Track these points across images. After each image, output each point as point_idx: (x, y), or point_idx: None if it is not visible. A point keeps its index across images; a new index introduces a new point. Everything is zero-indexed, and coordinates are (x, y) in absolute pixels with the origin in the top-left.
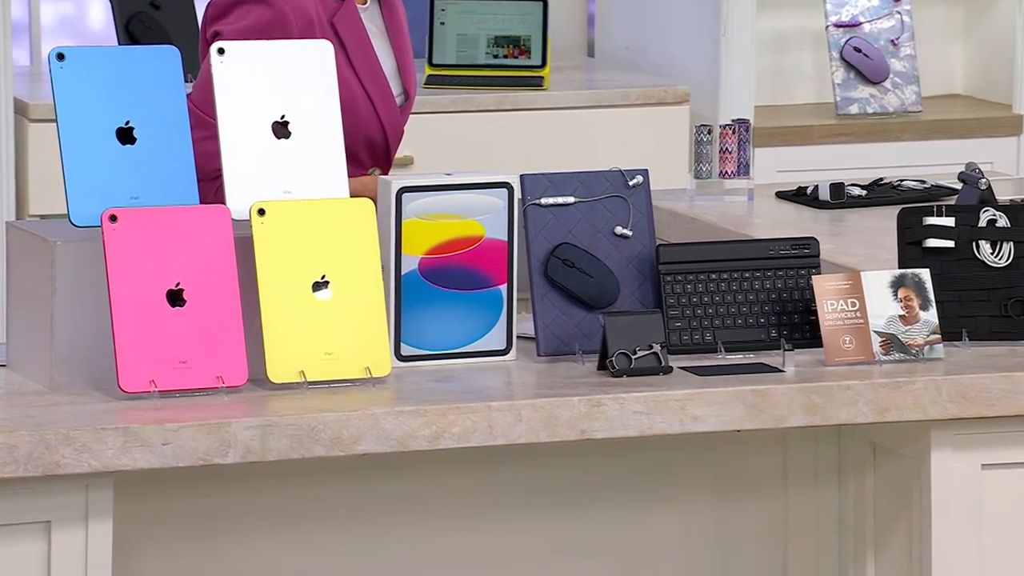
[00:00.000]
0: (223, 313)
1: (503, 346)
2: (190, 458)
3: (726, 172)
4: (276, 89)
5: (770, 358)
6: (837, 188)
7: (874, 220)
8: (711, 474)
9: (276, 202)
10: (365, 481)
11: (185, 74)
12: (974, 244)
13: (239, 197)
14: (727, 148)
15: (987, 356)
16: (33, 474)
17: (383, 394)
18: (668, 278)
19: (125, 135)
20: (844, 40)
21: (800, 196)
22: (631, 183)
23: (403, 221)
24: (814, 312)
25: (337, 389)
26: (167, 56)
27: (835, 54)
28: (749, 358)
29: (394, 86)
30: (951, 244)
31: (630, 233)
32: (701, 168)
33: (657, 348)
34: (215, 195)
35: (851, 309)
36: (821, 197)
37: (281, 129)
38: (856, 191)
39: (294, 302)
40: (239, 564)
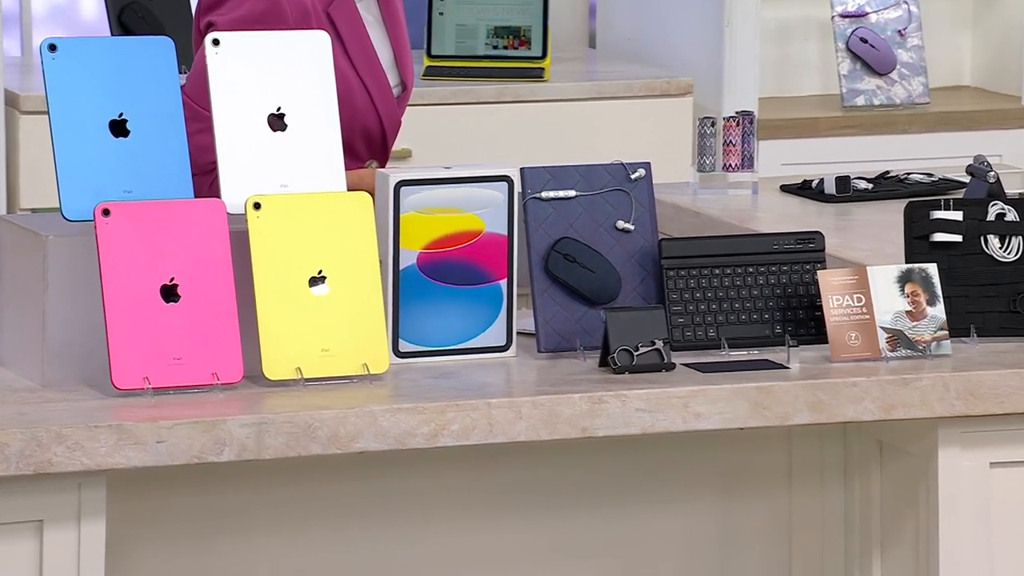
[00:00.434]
0: (218, 309)
1: (503, 342)
2: (184, 456)
3: (730, 165)
4: (272, 81)
5: (774, 355)
6: (843, 181)
7: (880, 214)
8: (715, 472)
9: (272, 196)
10: (362, 480)
11: (179, 65)
12: (982, 238)
13: (234, 191)
14: (731, 141)
15: (995, 352)
16: (25, 472)
17: (381, 391)
18: (671, 273)
19: (118, 128)
20: (850, 30)
21: (805, 189)
22: (633, 176)
23: (401, 215)
24: (819, 308)
25: (334, 386)
26: (161, 47)
27: (841, 45)
28: (753, 354)
29: (391, 77)
30: (959, 238)
31: (632, 227)
32: (704, 161)
33: (659, 344)
34: (210, 189)
35: (857, 305)
36: (826, 190)
37: (277, 121)
38: (862, 184)
39: (290, 297)
40: (234, 564)
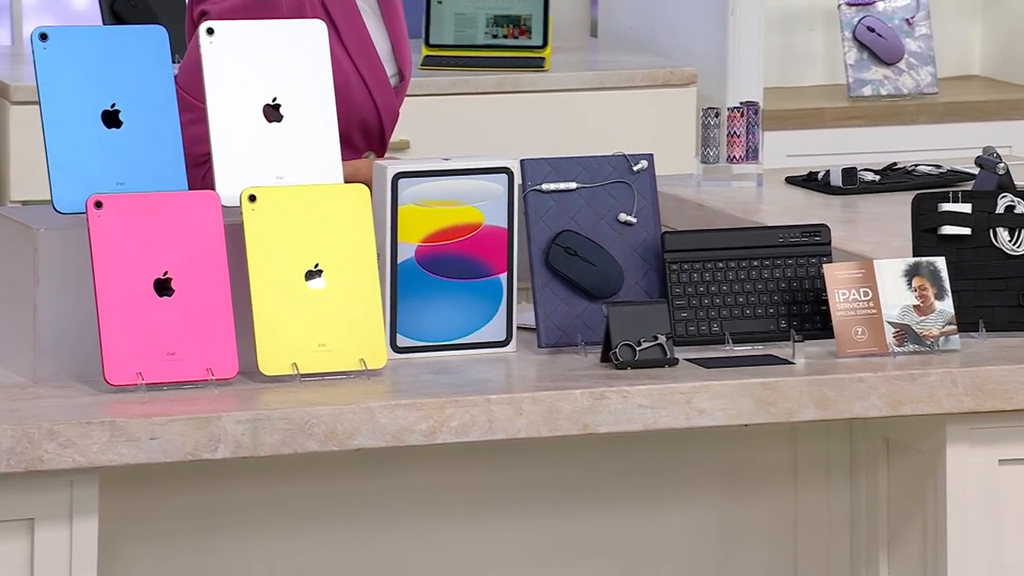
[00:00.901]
0: (212, 303)
1: (503, 337)
2: (178, 453)
3: (734, 156)
4: (267, 71)
5: (779, 350)
6: (849, 173)
7: (888, 206)
8: (718, 470)
9: (267, 188)
10: (360, 477)
11: (172, 55)
12: (991, 231)
13: (229, 183)
14: (735, 132)
15: (1004, 347)
16: (15, 470)
17: (378, 387)
18: (674, 266)
19: (111, 118)
20: (857, 19)
21: (811, 181)
22: (635, 168)
23: (399, 207)
24: (825, 302)
25: (331, 382)
26: (154, 36)
27: (847, 34)
28: (758, 349)
29: (388, 67)
30: (968, 231)
31: (634, 220)
32: (708, 152)
33: (662, 339)
34: (204, 180)
35: (864, 299)
36: (833, 182)
37: (272, 112)
38: (869, 176)
39: (286, 291)
40: (229, 563)
